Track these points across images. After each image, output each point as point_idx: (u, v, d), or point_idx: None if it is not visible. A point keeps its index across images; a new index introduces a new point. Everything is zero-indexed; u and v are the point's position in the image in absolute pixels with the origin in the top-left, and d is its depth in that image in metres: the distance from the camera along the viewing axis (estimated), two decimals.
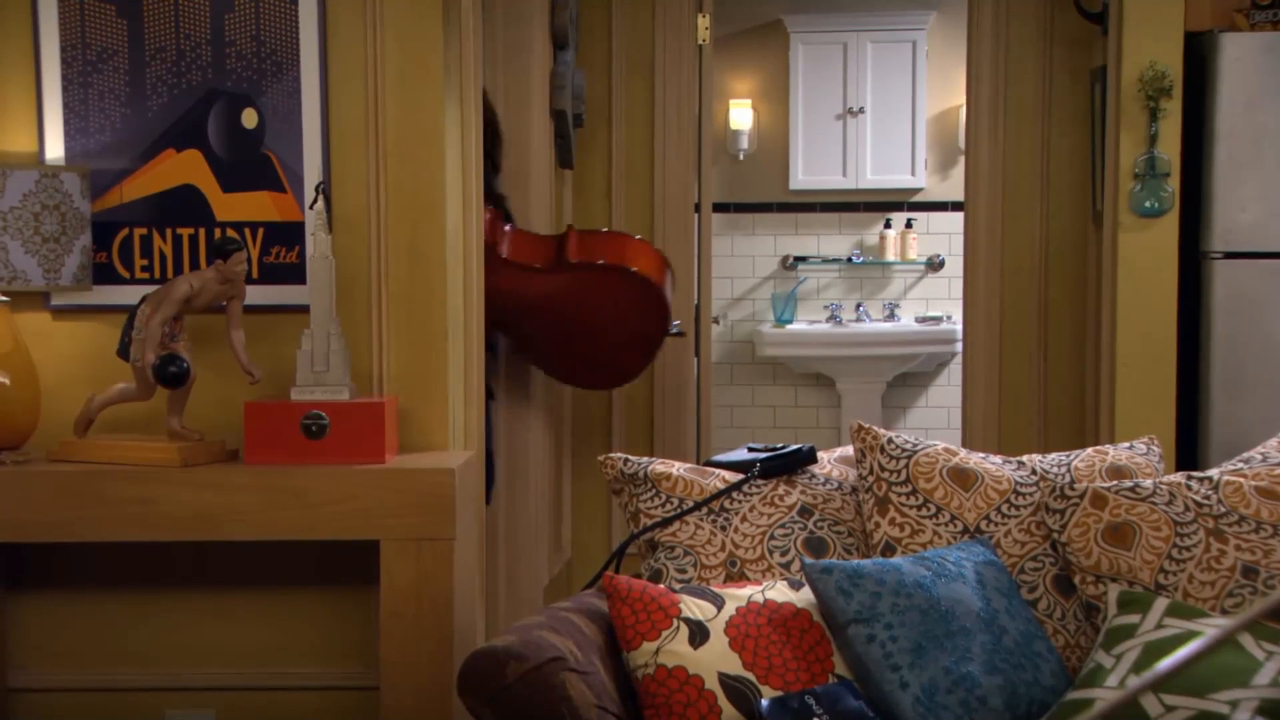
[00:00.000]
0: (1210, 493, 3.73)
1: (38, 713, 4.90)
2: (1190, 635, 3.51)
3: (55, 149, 4.75)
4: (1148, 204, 5.83)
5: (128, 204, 4.73)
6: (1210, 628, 3.59)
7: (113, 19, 4.72)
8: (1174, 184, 5.83)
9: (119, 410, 4.60)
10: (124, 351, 4.50)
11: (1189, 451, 5.80)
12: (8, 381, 4.52)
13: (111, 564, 4.85)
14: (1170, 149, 5.82)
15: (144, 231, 4.76)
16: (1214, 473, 3.82)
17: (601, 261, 5.59)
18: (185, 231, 4.77)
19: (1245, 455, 3.93)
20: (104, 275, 4.71)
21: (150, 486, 4.47)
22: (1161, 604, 3.60)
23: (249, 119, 4.75)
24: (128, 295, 4.62)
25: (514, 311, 5.57)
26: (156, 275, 4.71)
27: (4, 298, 4.54)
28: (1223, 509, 3.71)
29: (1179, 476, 3.80)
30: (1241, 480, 3.77)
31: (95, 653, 4.88)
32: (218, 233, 4.75)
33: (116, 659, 4.88)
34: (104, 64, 4.73)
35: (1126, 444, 4.06)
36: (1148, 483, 3.76)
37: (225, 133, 4.74)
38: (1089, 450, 4.01)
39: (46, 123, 4.75)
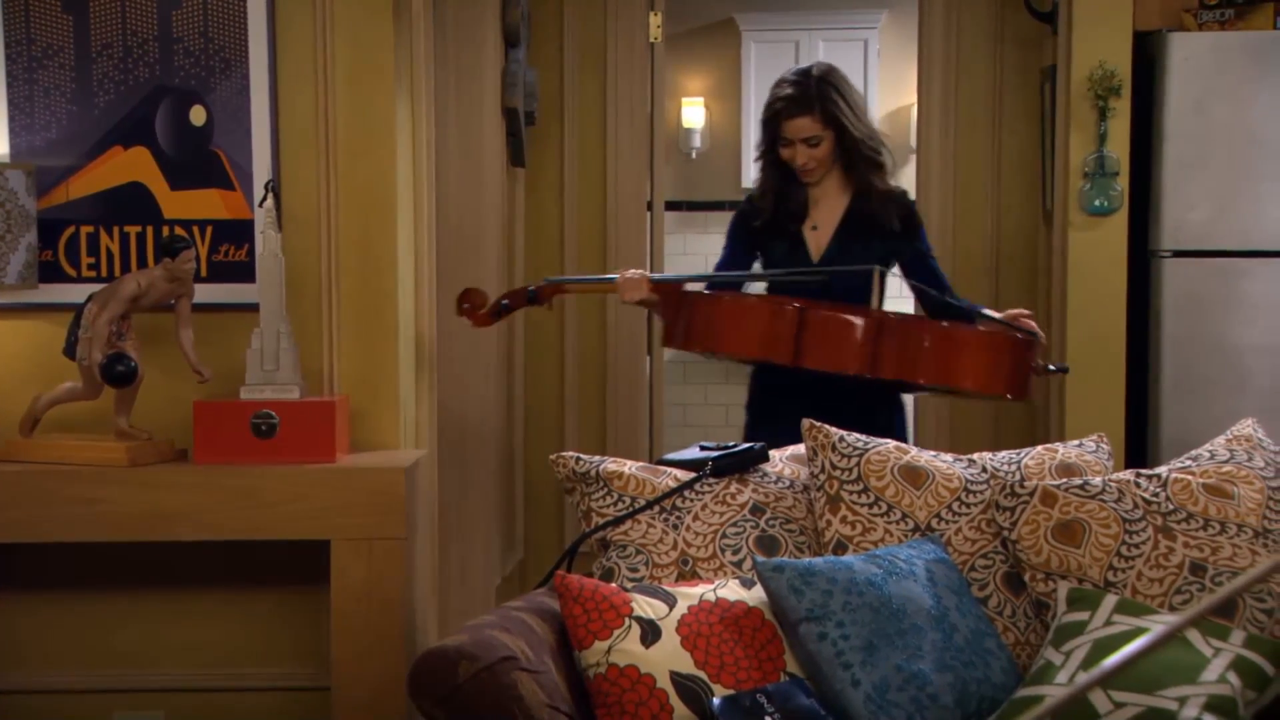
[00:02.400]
0: (1159, 490, 3.74)
1: None
2: (1139, 632, 3.52)
3: (0, 146, 4.72)
4: (1097, 203, 5.86)
5: (74, 201, 4.71)
6: (1159, 624, 3.60)
7: (58, 14, 4.70)
8: (1123, 183, 5.86)
9: (66, 410, 4.58)
10: (70, 350, 4.49)
11: (1138, 449, 5.83)
12: None
13: (57, 565, 4.83)
14: (1119, 148, 5.85)
15: (91, 229, 4.74)
16: (1163, 470, 3.83)
17: None
18: (133, 229, 4.75)
19: (1193, 453, 3.94)
20: (50, 274, 4.69)
21: (97, 487, 4.46)
22: (1111, 601, 3.61)
23: (197, 116, 4.73)
24: (74, 294, 4.60)
25: None
26: (104, 274, 4.69)
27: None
28: (1171, 506, 3.72)
29: (1128, 474, 3.82)
30: (1190, 478, 3.78)
31: (44, 655, 4.86)
32: (166, 230, 4.73)
33: (62, 660, 4.85)
34: (49, 60, 4.71)
35: (1076, 442, 4.07)
36: (1097, 480, 3.77)
37: (173, 130, 4.73)
38: (1039, 448, 4.02)
39: None
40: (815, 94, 4.68)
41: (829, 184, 4.82)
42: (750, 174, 9.39)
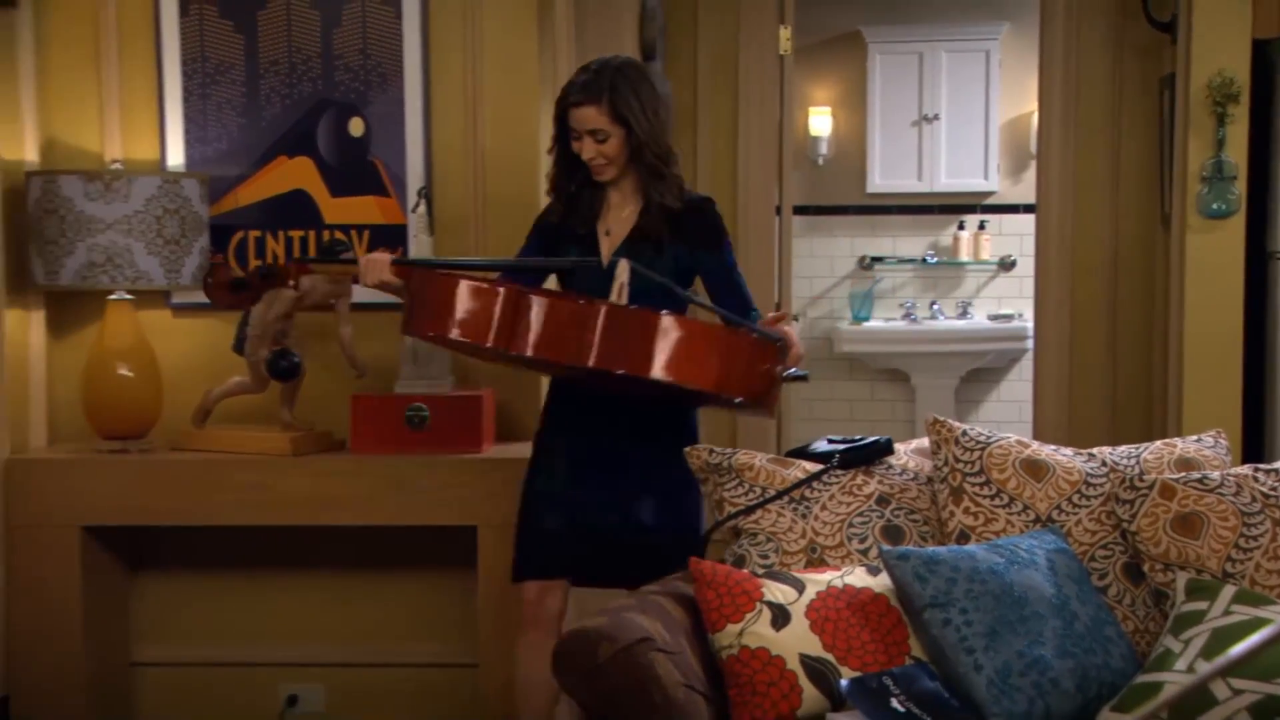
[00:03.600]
0: (1277, 484, 3.69)
1: (160, 686, 4.96)
2: (1258, 621, 3.48)
3: (176, 156, 4.80)
4: (1215, 206, 5.78)
5: (243, 208, 4.79)
6: (1277, 614, 3.56)
7: (230, 34, 4.77)
8: (1240, 187, 5.77)
9: (234, 402, 4.65)
10: (239, 347, 4.55)
11: (1255, 445, 5.74)
12: (132, 374, 4.58)
13: (227, 547, 4.91)
14: (1237, 153, 5.77)
15: (258, 234, 4.81)
16: None
17: None
18: (296, 234, 4.82)
19: None
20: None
21: (263, 474, 4.53)
22: (1229, 591, 3.57)
23: (356, 127, 4.79)
24: None
25: None
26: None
27: (128, 296, 4.60)
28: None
29: (1246, 469, 3.77)
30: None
31: (213, 631, 4.94)
32: (326, 235, 4.80)
33: (233, 637, 4.93)
34: (222, 76, 4.78)
35: (1194, 437, 4.02)
36: (1215, 475, 3.73)
37: (334, 141, 4.79)
38: (1158, 443, 3.97)
39: (168, 132, 4.81)
40: (606, 85, 4.06)
41: (626, 186, 4.21)
42: (876, 181, 9.40)
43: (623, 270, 3.87)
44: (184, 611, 4.95)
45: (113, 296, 4.60)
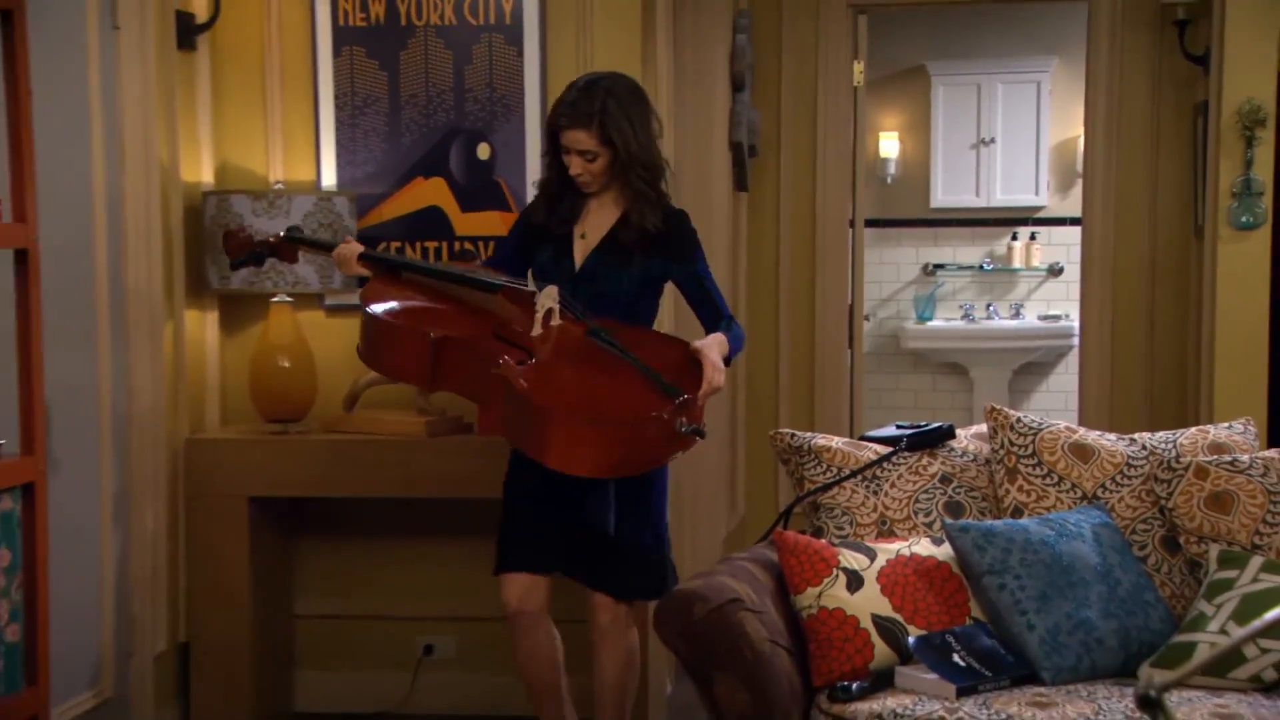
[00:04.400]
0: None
1: (317, 634, 5.02)
2: None
3: (329, 177, 4.85)
4: (1244, 219, 5.72)
5: (386, 222, 4.83)
6: None
7: (376, 71, 4.81)
8: (1267, 201, 5.71)
9: (377, 390, 4.68)
10: None
11: None
12: (290, 366, 4.62)
13: (373, 516, 4.95)
14: (1264, 171, 5.71)
15: (399, 244, 4.84)
16: None
17: None
18: (431, 244, 4.85)
19: None
20: (366, 282, 4.79)
21: (403, 453, 4.56)
22: (1257, 561, 3.55)
23: (483, 152, 4.81)
24: None
25: None
26: None
27: (288, 298, 4.65)
28: None
29: (1273, 452, 3.73)
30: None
31: (361, 588, 4.99)
32: (457, 245, 4.82)
33: (378, 594, 4.97)
34: (368, 108, 4.82)
35: (1225, 424, 3.98)
36: (1245, 458, 3.70)
37: (464, 163, 4.82)
38: (1192, 430, 3.93)
39: (323, 156, 4.86)
40: (596, 109, 3.78)
41: (607, 195, 3.93)
42: (938, 197, 9.35)
43: (548, 297, 3.76)
44: (336, 571, 5.00)
45: (275, 299, 4.64)
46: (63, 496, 3.86)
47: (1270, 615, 1.28)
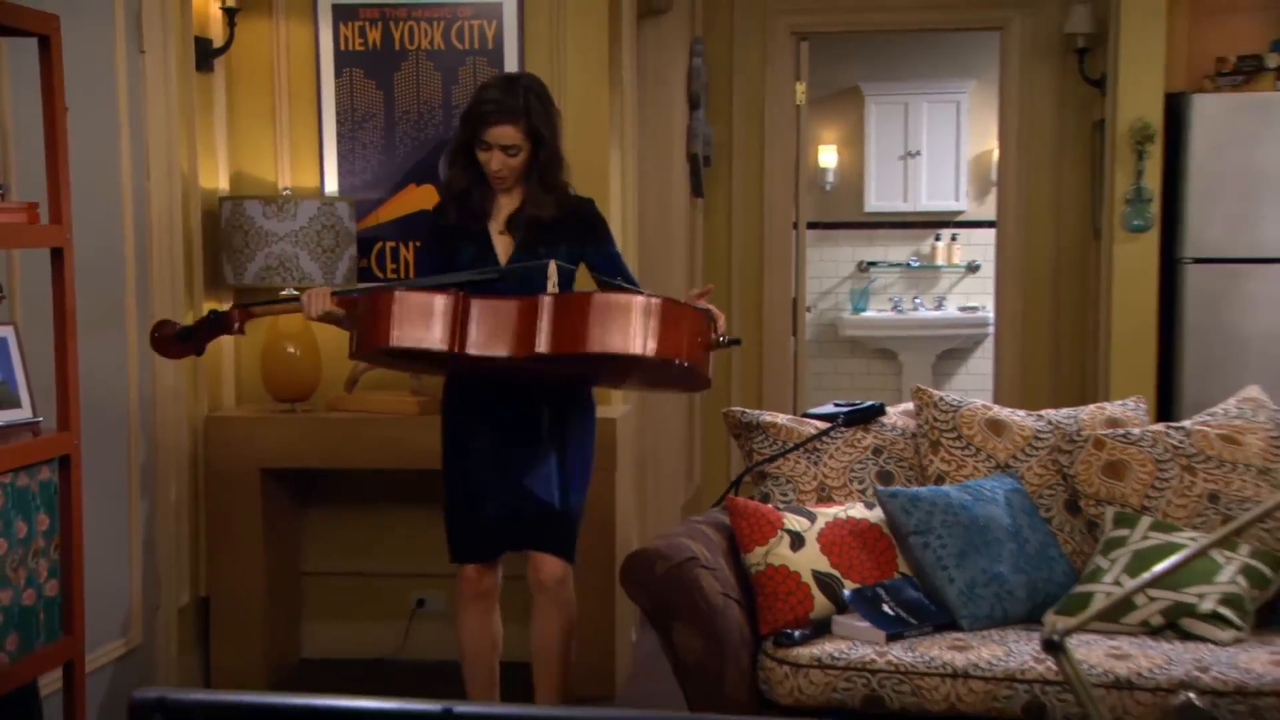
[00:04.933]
0: (1184, 438, 3.68)
1: (322, 588, 5.01)
2: (1168, 545, 3.47)
3: (331, 185, 4.83)
4: (1135, 223, 5.75)
5: (382, 224, 4.81)
6: (1183, 539, 3.54)
7: (373, 90, 4.79)
8: (1155, 207, 5.74)
9: (375, 374, 4.66)
10: None
11: (1166, 407, 5.72)
12: (298, 353, 4.61)
13: (372, 485, 4.93)
14: (1153, 181, 5.74)
15: (393, 244, 4.82)
16: (1187, 423, 3.77)
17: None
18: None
19: (1210, 410, 3.87)
20: (366, 275, 4.79)
21: (398, 429, 4.55)
22: (1146, 521, 3.57)
23: None
24: None
25: None
26: (402, 275, 4.78)
27: (296, 292, 4.62)
28: (1193, 450, 3.65)
29: (1160, 426, 3.76)
30: (1208, 429, 3.71)
31: (361, 549, 4.97)
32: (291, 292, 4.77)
33: (376, 553, 4.96)
34: (366, 123, 4.80)
35: (1120, 402, 4.00)
36: (1136, 431, 3.72)
37: None
38: (1091, 407, 3.96)
39: (325, 166, 4.84)
40: (523, 106, 3.56)
41: (515, 190, 3.69)
42: (871, 202, 9.36)
43: (553, 271, 3.54)
44: (339, 534, 4.98)
45: (285, 292, 4.61)
46: (95, 468, 3.83)
47: (1158, 568, 1.29)
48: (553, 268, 3.53)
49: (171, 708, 1.01)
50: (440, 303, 3.37)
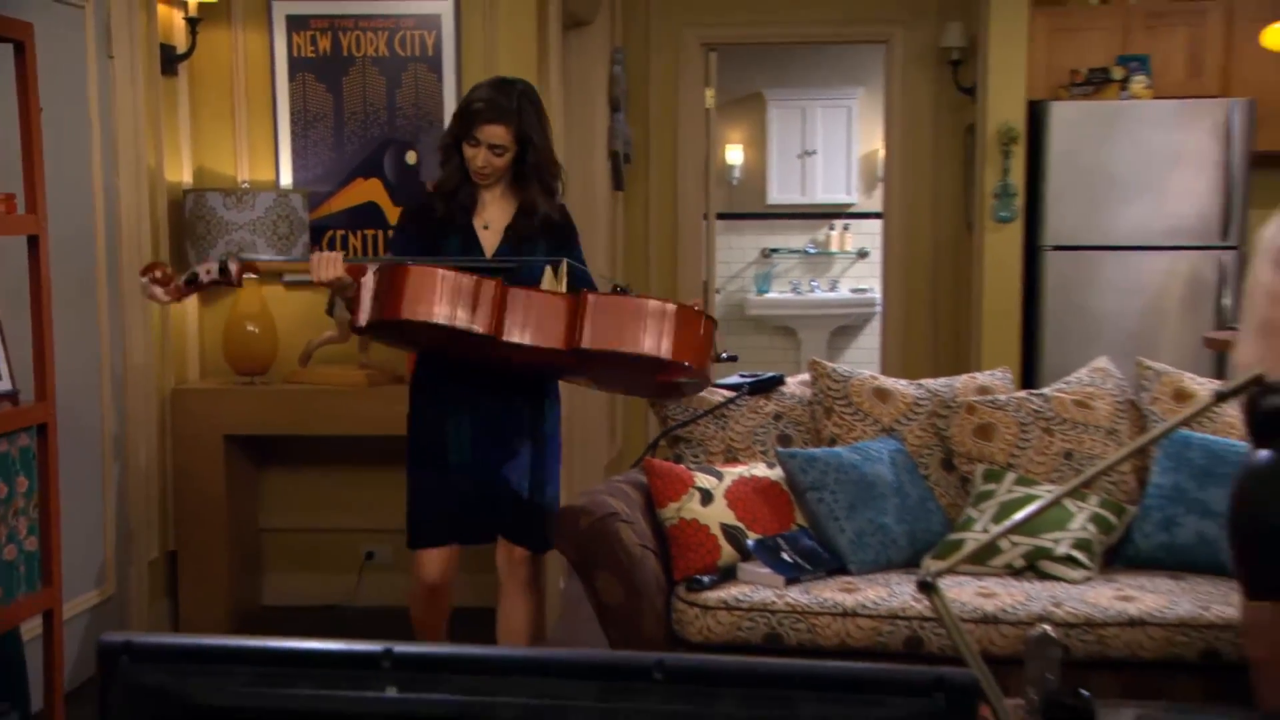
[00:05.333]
0: (1044, 403, 3.73)
1: (279, 545, 4.97)
2: (1029, 496, 3.53)
3: (286, 178, 4.78)
4: (1002, 214, 5.82)
5: (333, 214, 4.77)
6: (1043, 491, 3.60)
7: (324, 93, 4.74)
8: (1019, 201, 5.82)
9: (327, 349, 4.63)
10: (331, 310, 4.53)
11: (1029, 377, 5.81)
12: (257, 330, 4.56)
13: (324, 450, 4.90)
14: (1017, 178, 5.81)
15: (343, 232, 4.79)
16: (1046, 390, 3.82)
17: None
18: (369, 232, 4.79)
19: (1066, 379, 3.93)
20: None
21: (348, 399, 4.52)
22: (1012, 476, 3.62)
23: (410, 158, 4.76)
24: None
25: None
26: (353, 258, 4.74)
27: (253, 276, 4.57)
28: (1052, 414, 3.71)
29: (1024, 393, 3.81)
30: (1064, 395, 3.77)
31: (315, 507, 4.94)
32: (389, 233, 4.77)
33: (329, 511, 4.93)
34: (318, 122, 4.75)
35: (989, 372, 4.05)
36: (1003, 397, 3.77)
37: (395, 167, 4.77)
38: (964, 376, 4.00)
39: (281, 161, 4.78)
40: (515, 108, 3.29)
41: (498, 188, 3.40)
42: (773, 195, 9.39)
43: (563, 271, 3.31)
44: (295, 494, 4.95)
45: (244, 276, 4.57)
46: (72, 435, 3.80)
47: (1017, 516, 1.32)
48: (564, 267, 3.31)
49: (136, 650, 1.01)
50: (486, 288, 3.07)
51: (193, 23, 4.67)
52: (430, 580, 3.50)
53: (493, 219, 3.43)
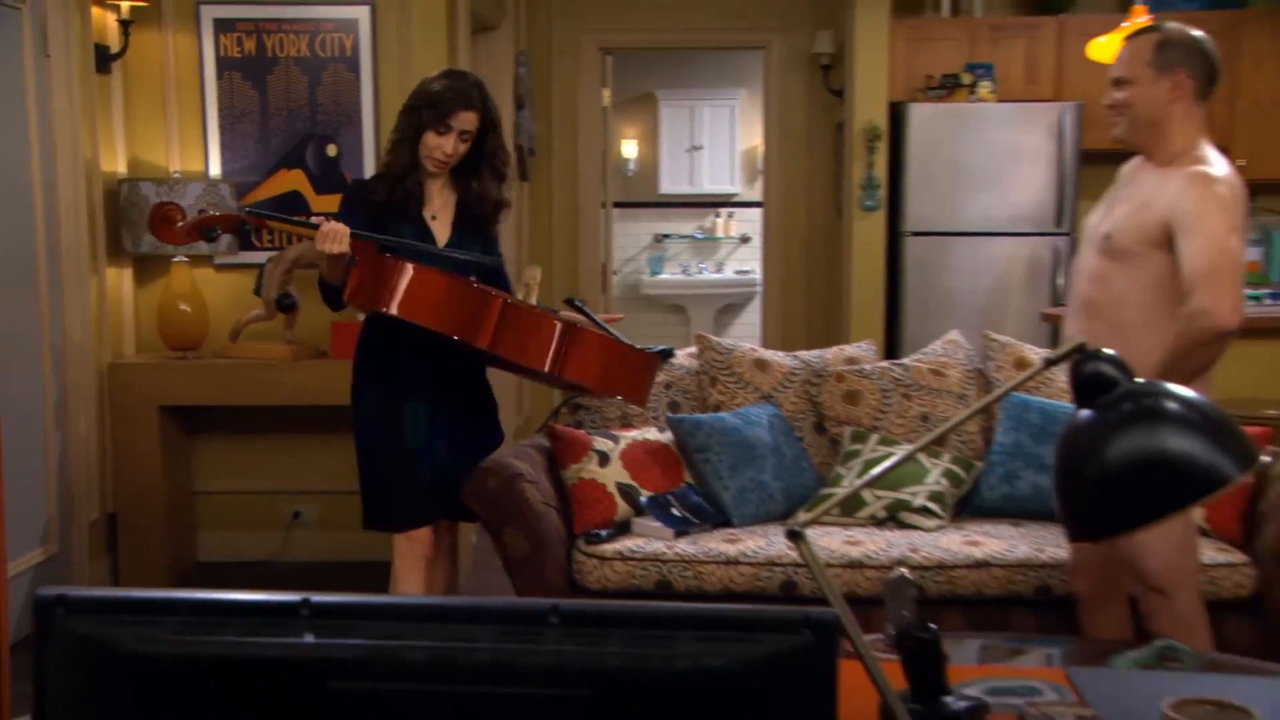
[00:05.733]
0: (904, 372, 3.79)
1: (211, 506, 4.89)
2: (890, 455, 3.59)
3: (216, 169, 4.68)
4: (868, 204, 5.89)
5: (259, 202, 4.67)
6: (903, 449, 3.66)
7: (250, 90, 4.65)
8: (883, 192, 5.89)
9: (255, 327, 4.56)
10: (258, 290, 4.47)
11: (892, 348, 5.89)
12: (189, 309, 4.47)
13: (252, 419, 4.83)
14: (881, 171, 5.88)
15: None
16: (906, 360, 3.87)
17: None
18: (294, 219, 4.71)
19: (923, 350, 3.99)
20: (246, 245, 4.66)
21: (274, 373, 4.46)
22: (875, 437, 3.67)
23: (331, 150, 4.69)
24: (260, 258, 4.59)
25: None
26: (277, 245, 4.66)
27: (185, 259, 4.49)
28: (910, 381, 3.77)
29: (886, 363, 3.85)
30: (921, 364, 3.83)
31: (244, 471, 4.87)
32: (314, 220, 4.69)
33: (257, 475, 4.87)
34: (244, 118, 4.66)
35: (856, 344, 4.10)
36: (869, 366, 3.81)
37: (317, 159, 4.69)
38: (834, 348, 4.04)
39: (210, 154, 4.69)
40: (479, 96, 3.09)
41: (440, 179, 3.18)
42: (664, 186, 9.41)
43: (535, 274, 3.27)
44: (226, 459, 4.87)
45: (176, 259, 4.48)
46: (16, 406, 3.72)
47: (874, 471, 1.35)
48: (536, 272, 3.27)
49: (70, 603, 0.99)
50: (490, 306, 2.88)
51: (125, 25, 4.54)
52: (423, 559, 3.25)
53: (439, 210, 3.20)
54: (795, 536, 1.35)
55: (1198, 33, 2.77)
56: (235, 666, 0.97)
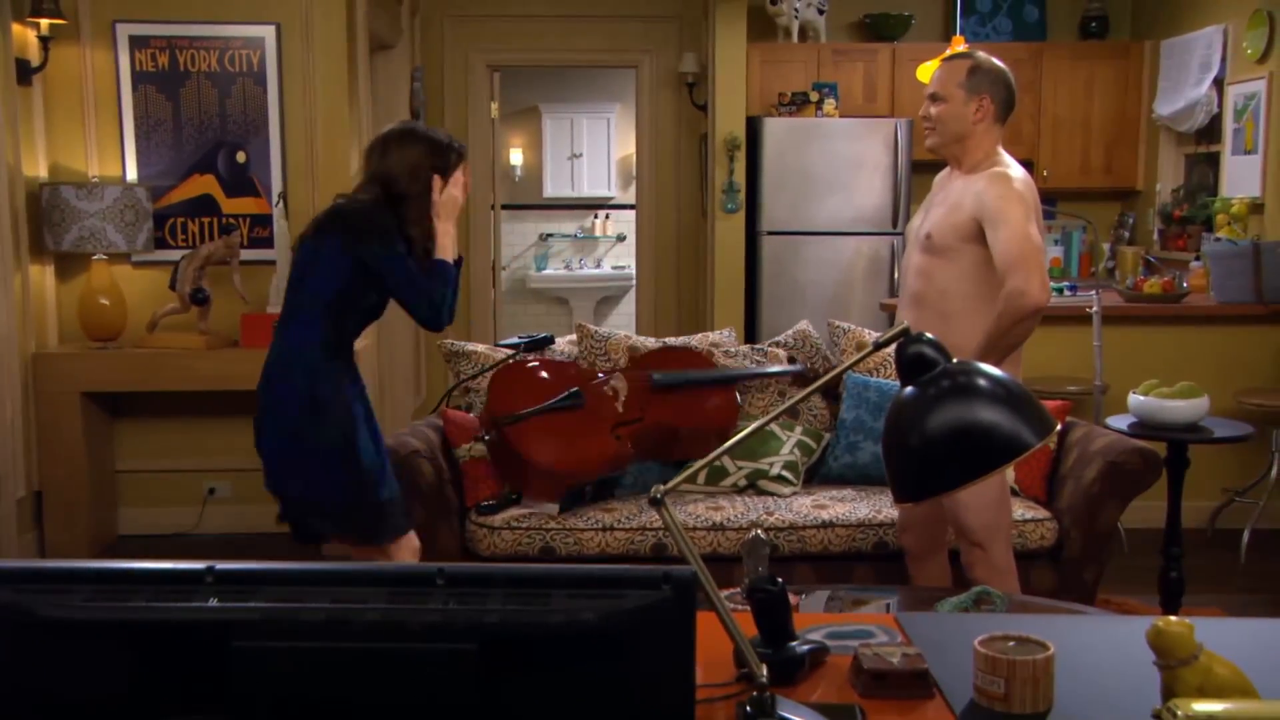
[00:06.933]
0: (761, 357, 3.84)
1: (132, 484, 4.74)
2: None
3: (132, 173, 4.53)
4: (729, 207, 5.94)
5: (173, 204, 4.55)
6: (757, 420, 3.70)
7: (164, 102, 4.50)
8: (742, 195, 5.94)
9: (171, 318, 4.43)
10: (173, 285, 4.35)
11: (751, 334, 5.96)
12: (109, 303, 4.32)
13: (169, 403, 4.69)
14: (740, 177, 5.94)
15: (183, 220, 4.57)
16: (764, 345, 3.93)
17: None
18: (206, 220, 4.59)
19: (776, 337, 4.04)
20: (161, 244, 4.53)
21: (189, 360, 4.34)
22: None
23: (240, 157, 4.58)
24: (174, 255, 4.46)
25: None
26: (191, 244, 4.54)
27: (104, 257, 4.34)
28: (767, 362, 3.82)
29: (746, 348, 3.89)
30: (777, 350, 3.89)
31: (162, 451, 4.74)
32: (224, 221, 4.57)
33: (174, 454, 4.74)
34: (159, 126, 4.51)
35: (719, 331, 4.13)
36: (733, 349, 3.85)
37: (227, 165, 4.57)
38: (700, 335, 4.07)
39: (127, 159, 4.54)
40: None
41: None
42: (548, 190, 9.36)
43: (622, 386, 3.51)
44: (145, 440, 4.72)
45: (96, 257, 4.33)
46: None
47: (729, 442, 1.37)
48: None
49: None
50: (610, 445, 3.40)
51: (45, 40, 4.36)
52: (421, 552, 2.93)
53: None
54: (656, 503, 1.37)
55: (1002, 64, 2.88)
56: (145, 630, 0.95)
